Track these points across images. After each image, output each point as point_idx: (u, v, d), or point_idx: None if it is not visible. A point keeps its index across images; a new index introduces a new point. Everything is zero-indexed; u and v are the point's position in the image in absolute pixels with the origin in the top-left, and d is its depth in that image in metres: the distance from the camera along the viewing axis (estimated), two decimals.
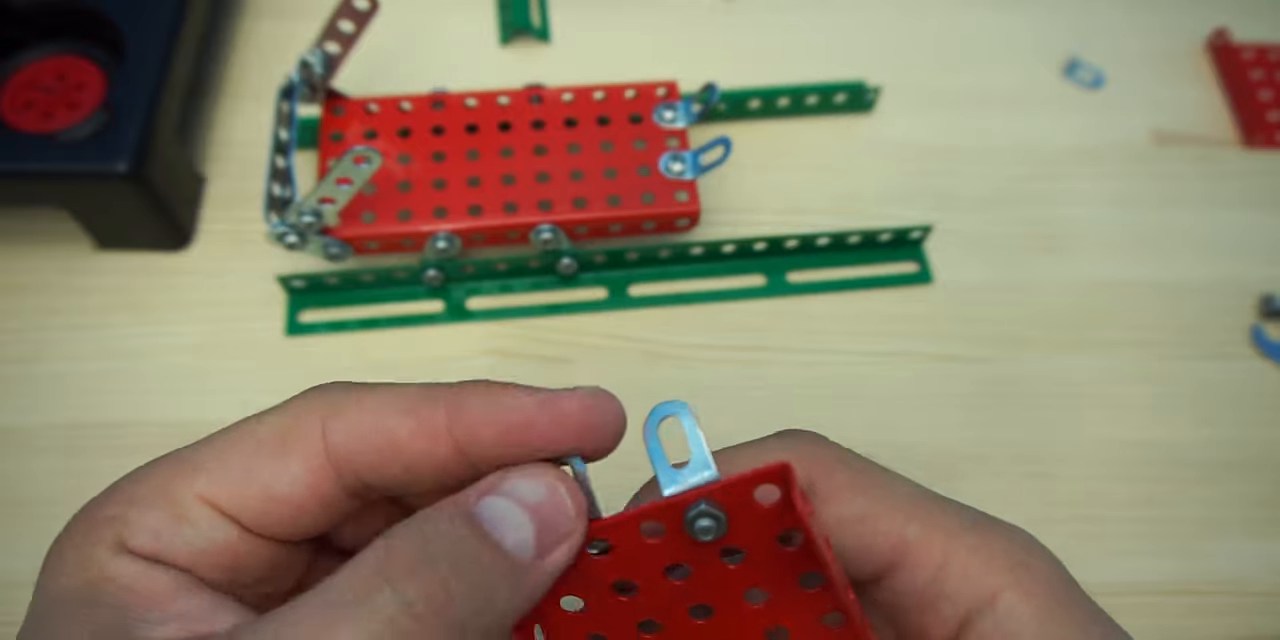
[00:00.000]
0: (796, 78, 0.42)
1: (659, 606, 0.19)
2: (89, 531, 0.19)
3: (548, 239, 0.35)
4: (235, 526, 0.19)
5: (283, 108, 0.34)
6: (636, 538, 0.19)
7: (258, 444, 0.19)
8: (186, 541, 0.19)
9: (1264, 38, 0.45)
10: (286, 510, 0.19)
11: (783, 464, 0.17)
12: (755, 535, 0.18)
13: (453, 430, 0.19)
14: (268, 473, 0.19)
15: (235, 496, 0.19)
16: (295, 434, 0.19)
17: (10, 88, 0.37)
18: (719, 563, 0.19)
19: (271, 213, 0.33)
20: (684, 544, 0.18)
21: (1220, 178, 0.42)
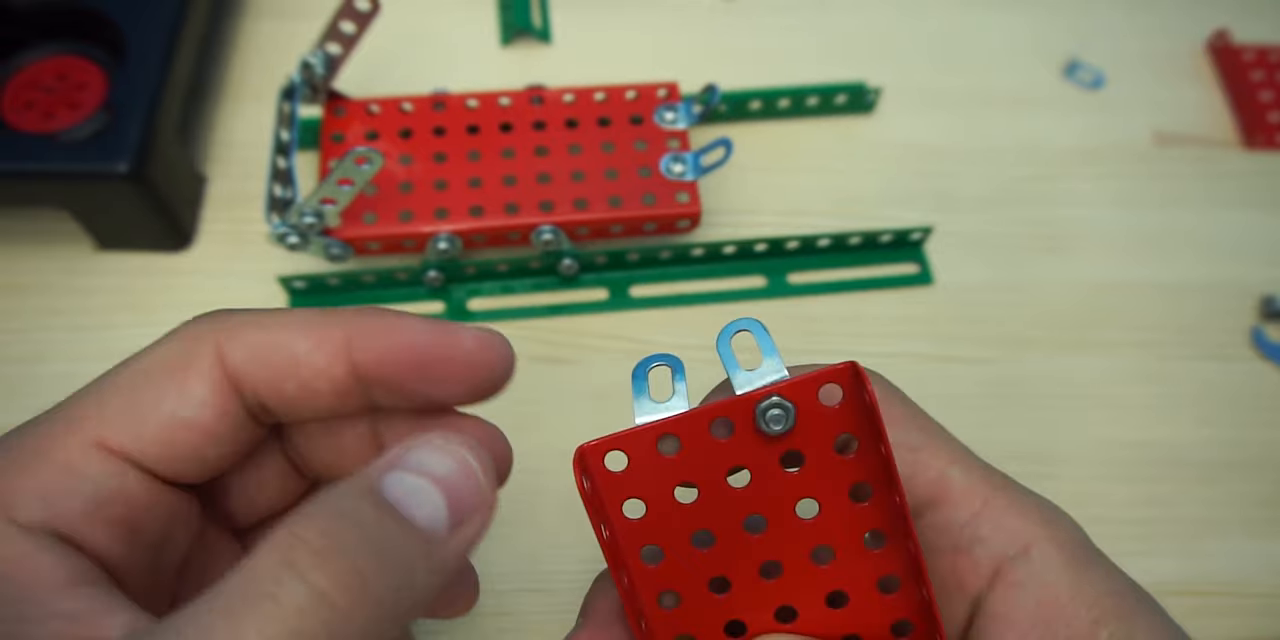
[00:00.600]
0: (797, 79, 0.42)
1: (716, 515, 0.20)
2: None
3: (549, 240, 0.35)
4: (134, 471, 0.18)
5: (284, 108, 0.34)
6: (706, 436, 0.19)
7: (148, 375, 0.18)
8: (81, 499, 0.17)
9: (1265, 39, 0.45)
10: (193, 438, 0.18)
11: (852, 363, 0.18)
12: (817, 437, 0.19)
13: (351, 350, 0.18)
14: (170, 399, 0.18)
15: (135, 433, 0.18)
16: (191, 358, 0.18)
17: (11, 88, 0.37)
18: (779, 468, 0.19)
19: (273, 213, 0.33)
20: (750, 445, 0.19)
21: (1221, 179, 0.42)
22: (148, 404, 0.18)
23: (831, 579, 0.20)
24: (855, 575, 0.20)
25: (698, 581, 0.20)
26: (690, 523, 0.20)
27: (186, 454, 0.18)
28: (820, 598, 0.21)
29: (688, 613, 0.20)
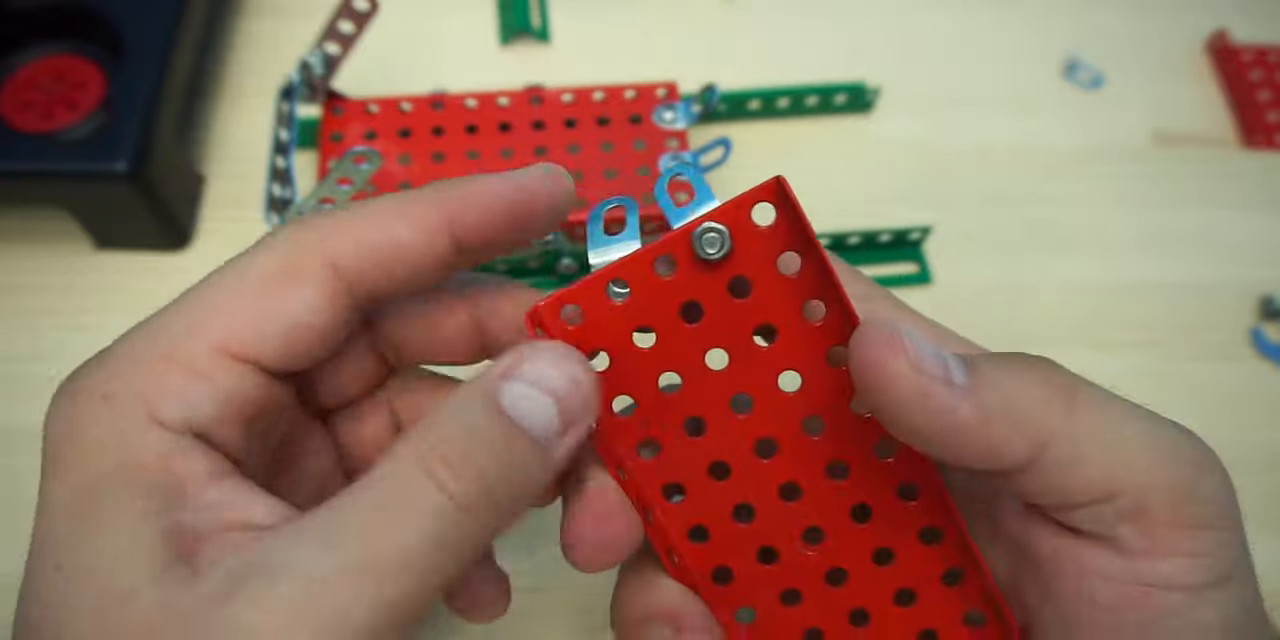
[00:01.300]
0: (796, 78, 0.42)
1: (679, 355, 0.20)
2: (113, 409, 0.18)
3: (548, 240, 0.35)
4: (255, 372, 0.19)
5: (283, 108, 0.34)
6: (652, 276, 0.19)
7: (263, 282, 0.19)
8: (213, 402, 0.19)
9: (1264, 39, 0.45)
10: (309, 337, 0.19)
11: (776, 178, 0.19)
12: (759, 259, 0.19)
13: (450, 225, 0.20)
14: (288, 306, 0.19)
15: (258, 339, 0.19)
16: (299, 262, 0.19)
17: (9, 87, 0.37)
18: (729, 298, 0.19)
19: (272, 213, 0.33)
20: (695, 277, 0.19)
21: (1220, 178, 0.42)
22: (267, 311, 0.19)
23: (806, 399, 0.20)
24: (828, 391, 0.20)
25: (674, 420, 0.20)
26: (655, 365, 0.20)
27: (301, 352, 0.19)
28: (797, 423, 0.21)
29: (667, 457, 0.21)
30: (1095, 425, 0.19)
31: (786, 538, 0.21)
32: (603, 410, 0.20)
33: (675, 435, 0.21)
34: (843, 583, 0.21)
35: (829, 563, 0.21)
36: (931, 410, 0.18)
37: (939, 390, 0.18)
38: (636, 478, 0.21)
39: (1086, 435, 0.19)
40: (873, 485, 0.21)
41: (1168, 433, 0.20)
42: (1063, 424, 0.19)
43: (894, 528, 0.21)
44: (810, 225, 0.19)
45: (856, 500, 0.21)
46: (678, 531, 0.21)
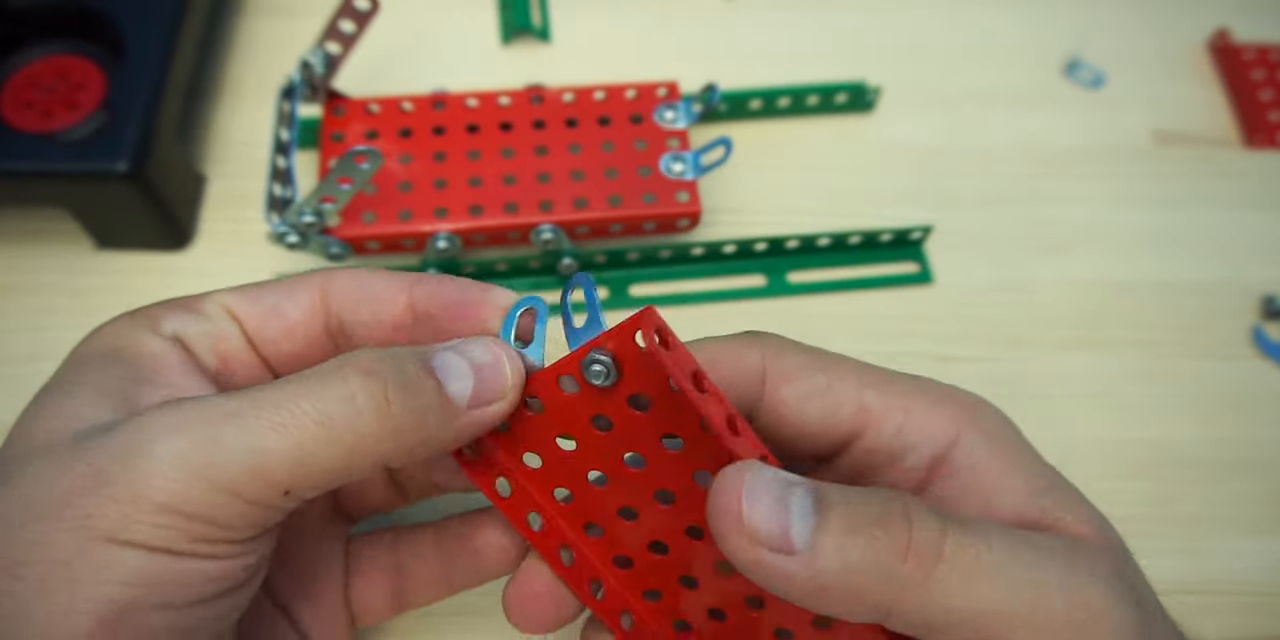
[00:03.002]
0: (797, 78, 0.42)
1: (597, 457, 0.22)
2: (128, 318, 0.24)
3: (548, 239, 0.35)
4: (238, 328, 0.24)
5: (283, 108, 0.34)
6: (558, 393, 0.21)
7: (270, 285, 0.25)
8: (200, 330, 0.24)
9: (1265, 38, 0.45)
10: (282, 325, 0.24)
11: (646, 309, 0.19)
12: (648, 379, 0.20)
13: (411, 293, 0.24)
14: (276, 297, 0.24)
15: (247, 306, 0.24)
16: (300, 283, 0.24)
17: (10, 87, 0.37)
18: (631, 412, 0.21)
19: (272, 212, 0.33)
20: (597, 395, 0.21)
21: (1221, 178, 0.42)
22: (263, 295, 0.24)
23: (678, 517, 0.22)
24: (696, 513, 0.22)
25: (608, 508, 0.23)
26: (580, 465, 0.22)
27: (276, 332, 0.24)
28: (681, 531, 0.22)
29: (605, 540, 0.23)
30: (955, 590, 0.19)
31: (728, 602, 0.23)
32: (545, 500, 0.23)
33: (611, 520, 0.23)
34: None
35: (769, 621, 0.23)
36: (770, 578, 0.19)
37: (772, 561, 0.18)
38: (586, 552, 0.23)
39: (941, 602, 0.19)
40: None
41: (1045, 599, 0.19)
42: (907, 597, 0.19)
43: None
44: (679, 357, 0.19)
45: None
46: (634, 594, 0.23)
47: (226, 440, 0.19)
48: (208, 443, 0.19)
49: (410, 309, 0.24)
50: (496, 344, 0.22)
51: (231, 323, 0.24)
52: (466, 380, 0.21)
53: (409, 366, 0.21)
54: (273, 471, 0.19)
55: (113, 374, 0.22)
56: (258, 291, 0.24)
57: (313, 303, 0.24)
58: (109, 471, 0.19)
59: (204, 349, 0.24)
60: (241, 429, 0.19)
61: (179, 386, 0.22)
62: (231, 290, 0.24)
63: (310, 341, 0.24)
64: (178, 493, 0.19)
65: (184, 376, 0.22)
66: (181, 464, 0.19)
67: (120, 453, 0.19)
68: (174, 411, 0.20)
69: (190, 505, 0.19)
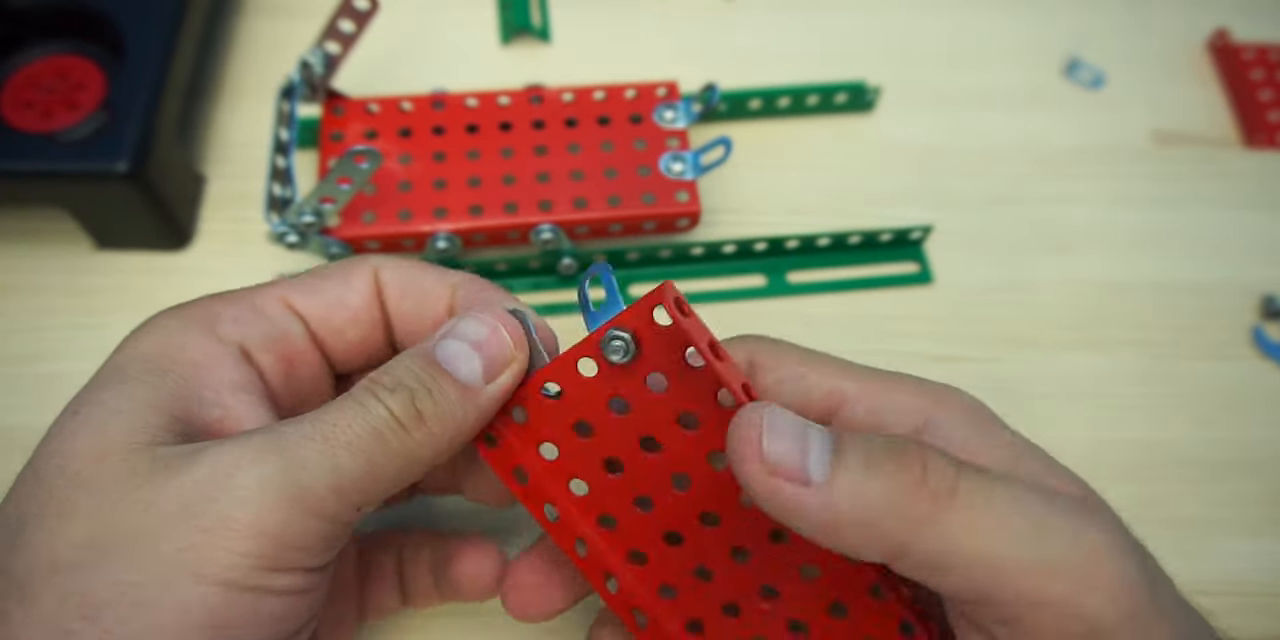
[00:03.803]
0: (797, 78, 0.42)
1: (614, 443, 0.22)
2: (181, 317, 0.23)
3: (548, 239, 0.35)
4: (300, 324, 0.24)
5: (283, 107, 0.34)
6: (576, 376, 0.22)
7: (325, 273, 0.25)
8: (263, 331, 0.24)
9: (1265, 38, 0.45)
10: (345, 316, 0.25)
11: (664, 283, 0.20)
12: (667, 356, 0.21)
13: (456, 300, 0.25)
14: (336, 287, 0.25)
15: (310, 299, 0.24)
16: (355, 271, 0.25)
17: (10, 87, 0.37)
18: (647, 390, 0.21)
19: (272, 212, 0.33)
20: (615, 376, 0.22)
21: (1221, 178, 0.42)
22: (323, 287, 0.25)
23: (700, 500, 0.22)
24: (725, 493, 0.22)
25: (624, 498, 0.23)
26: (596, 451, 0.23)
27: (336, 325, 0.25)
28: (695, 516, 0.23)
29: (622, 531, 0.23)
30: (965, 530, 0.19)
31: (742, 593, 0.23)
32: (560, 492, 0.23)
33: (627, 511, 0.23)
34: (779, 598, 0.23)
35: (784, 613, 0.23)
36: (785, 509, 0.19)
37: (789, 492, 0.19)
38: (601, 545, 0.23)
39: (952, 542, 0.19)
40: (804, 546, 0.22)
41: (1050, 543, 0.19)
42: (920, 534, 0.19)
43: (838, 584, 0.22)
44: (697, 325, 0.20)
45: (799, 561, 0.22)
46: (648, 590, 0.23)
47: (309, 464, 0.20)
48: (293, 467, 0.20)
49: (451, 310, 0.25)
50: (486, 314, 0.23)
51: (294, 319, 0.24)
52: (473, 360, 0.22)
53: (420, 369, 0.22)
54: (350, 488, 0.20)
55: (163, 390, 0.21)
56: (316, 283, 0.25)
57: (371, 290, 0.25)
58: (195, 504, 0.19)
59: (264, 352, 0.24)
60: (318, 452, 0.20)
61: (229, 406, 0.22)
62: (289, 283, 0.25)
63: (372, 328, 0.25)
64: (270, 518, 0.19)
65: (236, 393, 0.22)
66: (271, 490, 0.19)
67: (206, 484, 0.19)
68: (248, 441, 0.20)
69: (282, 529, 0.19)
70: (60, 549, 0.19)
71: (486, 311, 0.23)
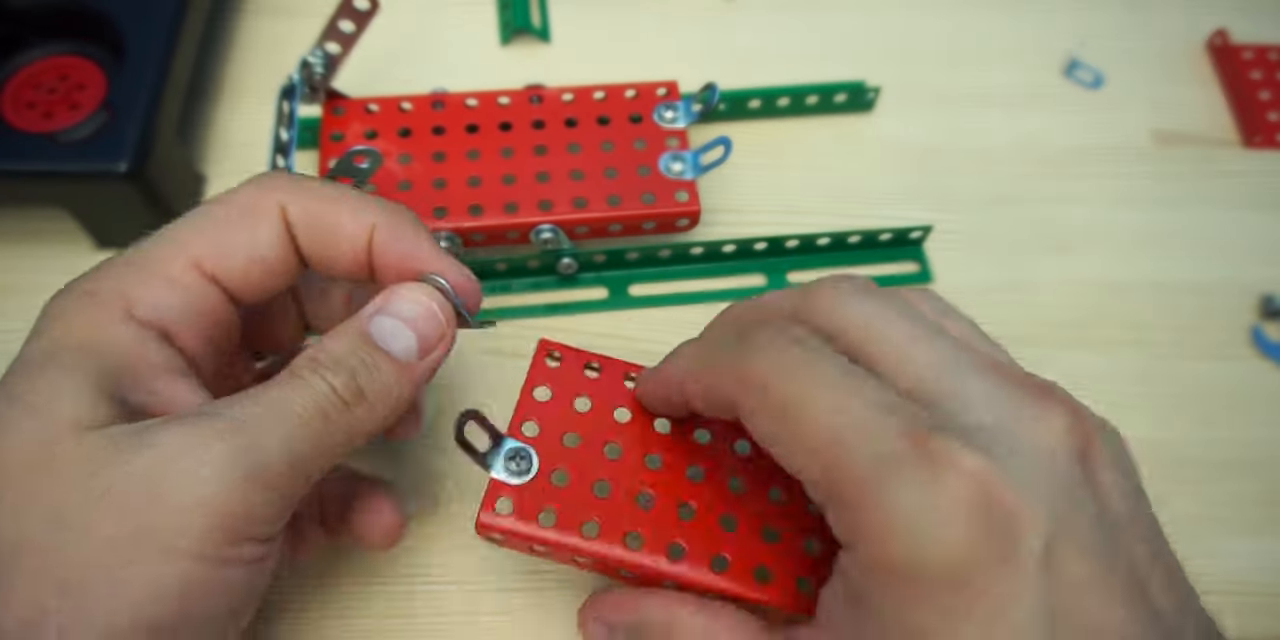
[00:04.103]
0: (796, 78, 0.42)
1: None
2: (95, 300, 0.22)
3: (548, 239, 0.35)
4: (217, 290, 0.23)
5: (283, 108, 0.34)
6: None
7: (228, 219, 0.24)
8: (180, 307, 0.23)
9: (1264, 38, 0.45)
10: (262, 270, 0.24)
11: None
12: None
13: (375, 240, 0.24)
14: (246, 239, 0.23)
15: (223, 262, 0.23)
16: (259, 209, 0.24)
17: (11, 87, 0.37)
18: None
19: None
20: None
21: (1220, 178, 0.42)
22: (233, 240, 0.23)
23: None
24: None
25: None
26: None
27: (254, 281, 0.24)
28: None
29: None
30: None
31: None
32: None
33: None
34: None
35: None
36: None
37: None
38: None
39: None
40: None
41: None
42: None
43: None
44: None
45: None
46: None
47: (265, 442, 0.21)
48: (251, 447, 0.21)
49: (369, 249, 0.24)
50: (421, 292, 0.24)
51: (210, 288, 0.23)
52: (408, 339, 0.24)
53: (357, 347, 0.23)
54: (303, 463, 0.22)
55: (100, 372, 0.21)
56: (222, 235, 0.23)
57: (282, 234, 0.24)
58: (159, 484, 0.20)
59: (185, 330, 0.23)
60: (272, 430, 0.21)
61: (158, 390, 0.22)
62: (192, 235, 0.23)
63: (284, 271, 0.25)
64: (232, 496, 0.20)
65: (163, 376, 0.22)
66: (232, 469, 0.20)
67: (167, 463, 0.20)
68: (204, 422, 0.21)
69: (243, 505, 0.20)
70: (28, 531, 0.19)
71: (419, 288, 0.24)
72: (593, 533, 0.26)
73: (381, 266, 0.25)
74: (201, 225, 0.24)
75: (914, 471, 0.19)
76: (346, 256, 0.24)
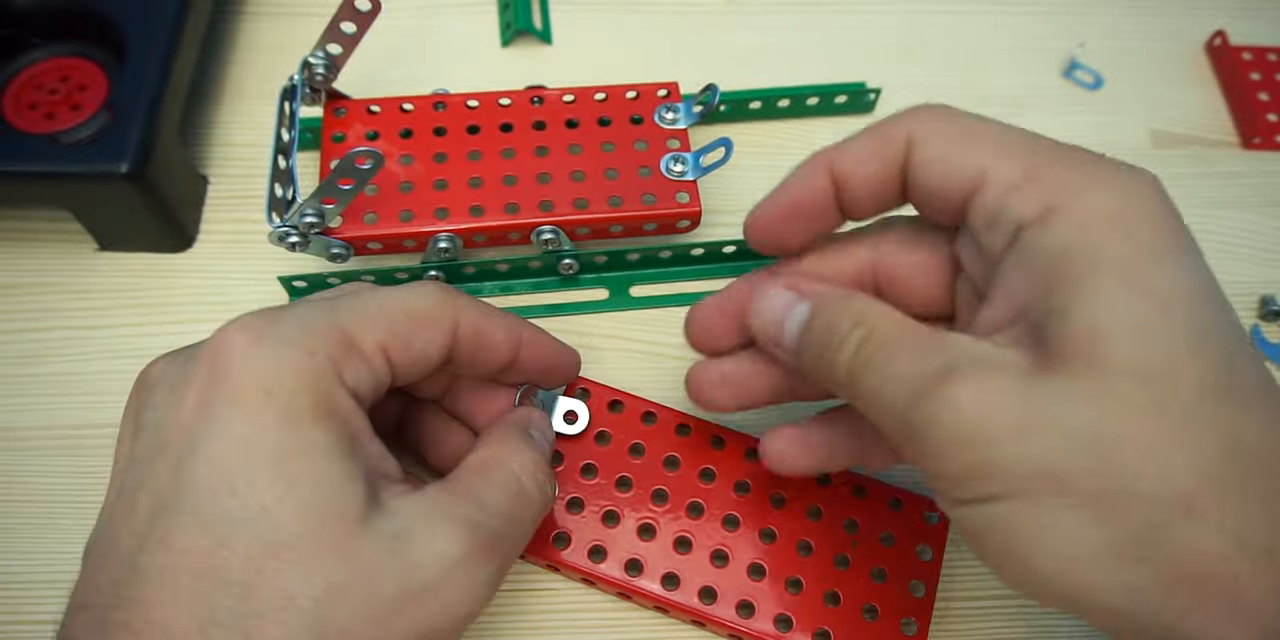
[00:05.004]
0: (797, 79, 0.42)
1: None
2: (311, 361, 0.23)
3: (549, 240, 0.35)
4: (390, 373, 0.25)
5: (285, 108, 0.34)
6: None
7: (410, 317, 0.26)
8: (372, 383, 0.25)
9: (1263, 39, 0.45)
10: (423, 368, 0.26)
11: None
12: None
13: (521, 351, 0.28)
14: (424, 340, 0.26)
15: (400, 353, 0.25)
16: (441, 316, 0.26)
17: (13, 88, 0.37)
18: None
19: (273, 213, 0.33)
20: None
21: (1219, 179, 0.42)
22: (415, 337, 0.26)
23: None
24: None
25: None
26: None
27: (411, 374, 0.26)
28: None
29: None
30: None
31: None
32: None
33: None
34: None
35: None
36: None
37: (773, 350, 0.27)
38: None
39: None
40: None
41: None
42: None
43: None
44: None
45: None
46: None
47: (502, 548, 0.25)
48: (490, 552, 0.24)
49: (512, 362, 0.28)
50: (542, 418, 0.30)
51: (388, 372, 0.25)
52: (546, 442, 0.29)
53: (540, 452, 0.28)
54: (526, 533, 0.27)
55: (348, 450, 0.23)
56: (407, 332, 0.26)
57: (449, 342, 0.27)
58: (420, 591, 0.23)
59: (368, 401, 0.25)
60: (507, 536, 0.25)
61: (375, 455, 0.25)
62: (384, 326, 0.25)
63: (435, 368, 0.27)
64: (480, 597, 0.24)
65: (374, 441, 0.25)
66: (477, 578, 0.24)
67: (424, 569, 0.23)
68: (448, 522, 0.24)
69: (483, 603, 0.24)
70: (296, 591, 0.21)
71: (541, 417, 0.30)
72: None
73: (523, 368, 0.29)
74: (391, 309, 0.26)
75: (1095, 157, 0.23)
76: (495, 365, 0.28)
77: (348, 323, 0.24)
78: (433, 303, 0.26)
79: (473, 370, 0.28)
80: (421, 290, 0.27)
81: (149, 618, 0.21)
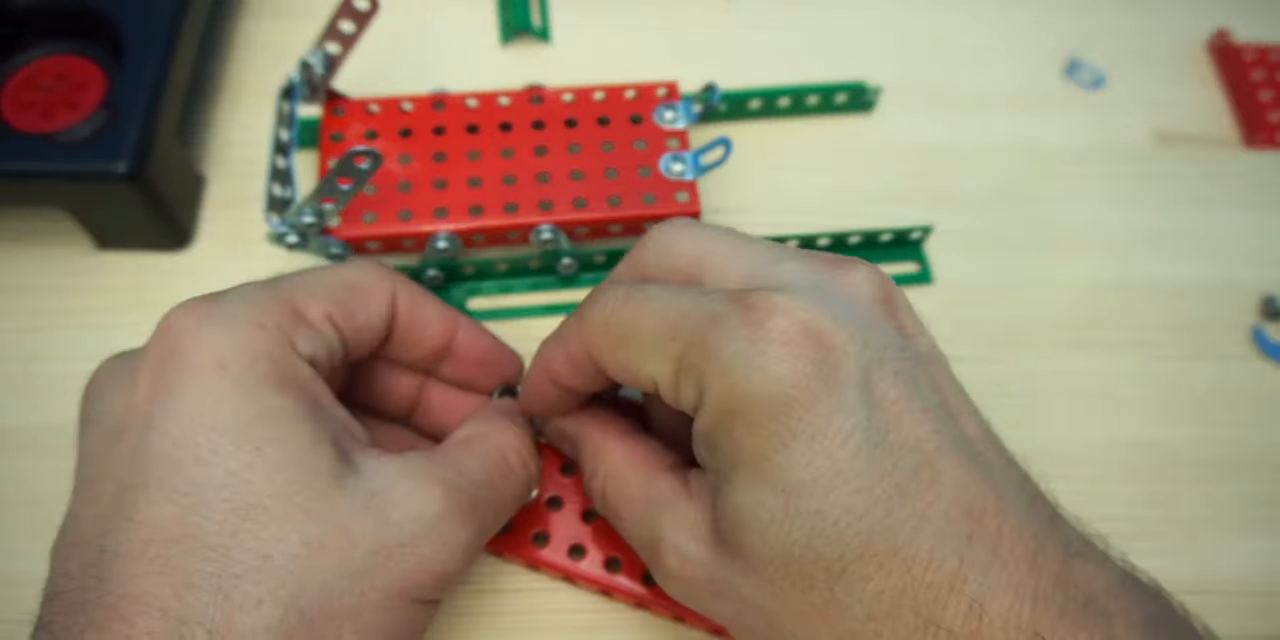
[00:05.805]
0: (797, 78, 0.42)
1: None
2: (263, 333, 0.24)
3: (548, 239, 0.35)
4: (339, 340, 0.26)
5: (283, 108, 0.34)
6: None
7: (349, 287, 0.27)
8: (326, 350, 0.25)
9: (1265, 38, 0.45)
10: (369, 337, 0.27)
11: None
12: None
13: (456, 338, 0.29)
14: (364, 305, 0.27)
15: (345, 320, 0.26)
16: (378, 285, 0.27)
17: (10, 87, 0.37)
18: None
19: (272, 213, 0.33)
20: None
21: (1221, 178, 0.42)
22: (355, 302, 0.27)
23: None
24: None
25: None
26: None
27: (361, 344, 0.27)
28: None
29: None
30: None
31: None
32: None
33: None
34: None
35: None
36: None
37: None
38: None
39: None
40: None
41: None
42: None
43: None
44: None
45: None
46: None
47: (483, 515, 0.25)
48: (473, 515, 0.25)
49: (449, 347, 0.29)
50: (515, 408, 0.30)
51: (338, 338, 0.26)
52: (529, 430, 0.29)
53: (525, 431, 0.28)
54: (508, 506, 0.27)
55: (307, 414, 0.23)
56: (349, 301, 0.26)
57: (388, 313, 0.27)
58: (397, 547, 0.23)
59: (324, 368, 0.25)
60: (488, 502, 0.26)
61: (340, 418, 0.25)
62: (326, 296, 0.26)
63: (375, 345, 0.28)
64: (459, 560, 0.24)
65: (336, 405, 0.25)
66: (459, 539, 0.24)
67: (404, 526, 0.23)
68: (429, 486, 0.24)
69: (462, 566, 0.24)
70: (272, 550, 0.21)
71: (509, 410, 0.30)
72: None
73: (457, 356, 0.29)
74: (330, 282, 0.26)
75: (739, 321, 0.21)
76: (427, 345, 0.29)
77: (291, 295, 0.25)
78: (370, 275, 0.27)
79: (410, 352, 0.29)
80: (358, 264, 0.28)
81: (124, 591, 0.20)
